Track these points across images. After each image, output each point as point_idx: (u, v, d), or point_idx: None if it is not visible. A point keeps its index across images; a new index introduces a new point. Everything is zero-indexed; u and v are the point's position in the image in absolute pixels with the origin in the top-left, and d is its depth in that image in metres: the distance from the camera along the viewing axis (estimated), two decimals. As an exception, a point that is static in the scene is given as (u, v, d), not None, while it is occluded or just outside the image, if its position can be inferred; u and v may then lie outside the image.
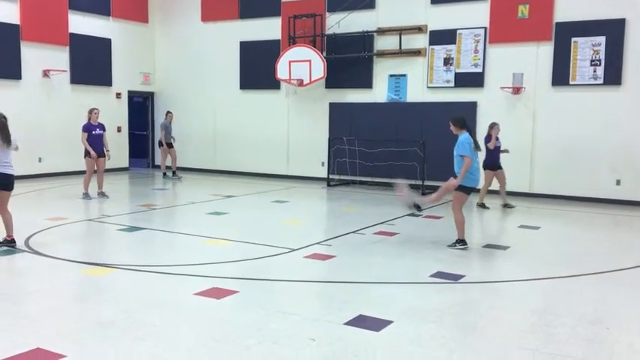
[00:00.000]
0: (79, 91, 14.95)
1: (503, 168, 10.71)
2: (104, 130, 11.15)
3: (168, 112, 14.94)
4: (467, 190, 7.35)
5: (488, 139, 10.44)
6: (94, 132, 10.96)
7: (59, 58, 14.42)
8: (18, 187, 11.86)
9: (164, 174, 14.69)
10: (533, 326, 4.70)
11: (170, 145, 14.70)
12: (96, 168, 11.03)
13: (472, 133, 7.44)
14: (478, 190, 7.51)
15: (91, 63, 15.10)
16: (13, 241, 7.01)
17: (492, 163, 10.56)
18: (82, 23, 14.87)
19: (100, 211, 9.70)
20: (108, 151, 11.19)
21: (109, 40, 15.61)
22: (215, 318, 4.78)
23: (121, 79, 16.00)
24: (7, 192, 7.01)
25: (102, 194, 11.14)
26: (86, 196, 10.90)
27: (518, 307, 5.24)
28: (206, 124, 16.18)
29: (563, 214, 10.35)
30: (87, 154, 10.88)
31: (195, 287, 5.49)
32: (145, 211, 9.99)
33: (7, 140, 6.78)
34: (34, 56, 13.84)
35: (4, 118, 6.86)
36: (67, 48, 14.56)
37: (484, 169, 10.23)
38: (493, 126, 10.52)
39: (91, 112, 11.08)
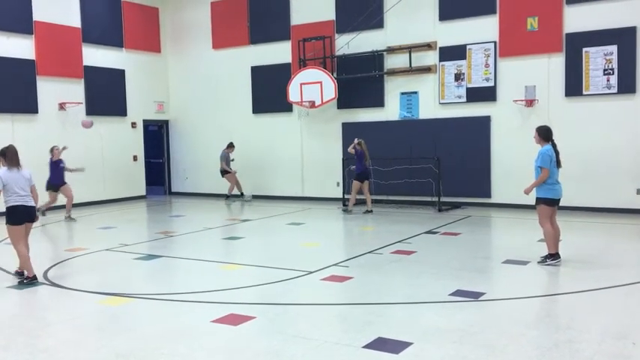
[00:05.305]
0: (95, 122, 15.12)
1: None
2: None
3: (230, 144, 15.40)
4: (548, 202, 7.26)
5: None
6: None
7: (74, 90, 14.65)
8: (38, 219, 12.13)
9: (226, 196, 15.30)
10: (556, 343, 4.60)
11: (227, 173, 15.25)
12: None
13: (555, 146, 7.35)
14: (558, 202, 7.41)
15: (105, 94, 15.32)
16: (34, 278, 6.85)
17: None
18: (95, 56, 15.13)
19: (118, 240, 9.74)
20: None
21: (123, 71, 15.85)
22: (232, 345, 4.74)
23: (135, 109, 16.21)
24: (15, 226, 6.82)
25: None
26: None
27: (541, 323, 5.14)
28: (220, 150, 16.24)
29: (583, 226, 10.18)
30: None
31: (212, 314, 5.47)
32: (162, 238, 10.03)
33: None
34: (50, 90, 14.06)
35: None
36: (82, 80, 14.81)
37: None
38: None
39: None
